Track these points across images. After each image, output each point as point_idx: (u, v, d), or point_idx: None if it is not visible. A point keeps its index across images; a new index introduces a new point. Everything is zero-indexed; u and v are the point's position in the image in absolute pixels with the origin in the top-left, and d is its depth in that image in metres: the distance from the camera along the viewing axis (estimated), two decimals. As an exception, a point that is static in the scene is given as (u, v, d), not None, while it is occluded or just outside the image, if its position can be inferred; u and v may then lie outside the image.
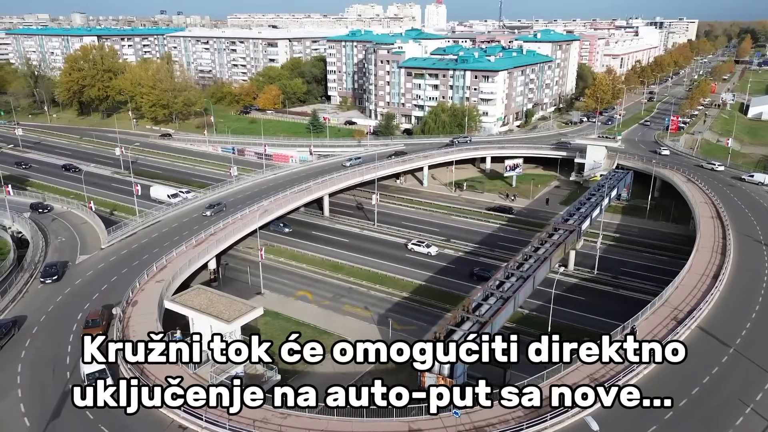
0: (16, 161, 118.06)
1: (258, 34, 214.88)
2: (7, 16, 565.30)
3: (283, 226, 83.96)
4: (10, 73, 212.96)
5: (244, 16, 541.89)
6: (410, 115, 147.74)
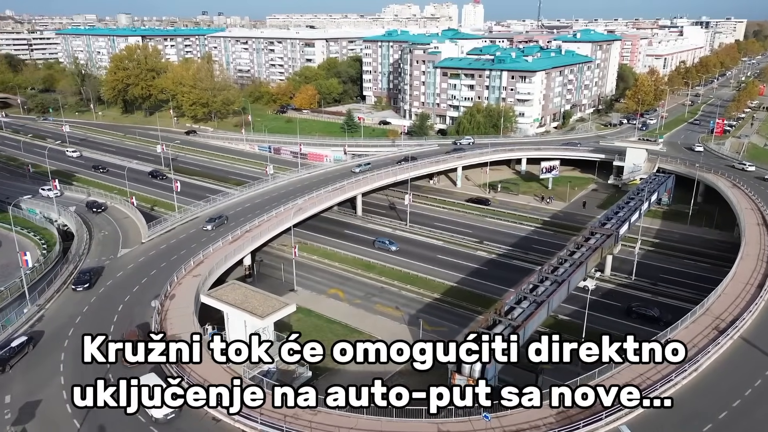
0: (93, 165, 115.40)
1: (296, 34, 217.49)
2: (57, 17, 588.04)
3: (389, 243, 78.98)
4: (59, 72, 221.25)
5: (283, 16, 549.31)
6: (445, 115, 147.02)
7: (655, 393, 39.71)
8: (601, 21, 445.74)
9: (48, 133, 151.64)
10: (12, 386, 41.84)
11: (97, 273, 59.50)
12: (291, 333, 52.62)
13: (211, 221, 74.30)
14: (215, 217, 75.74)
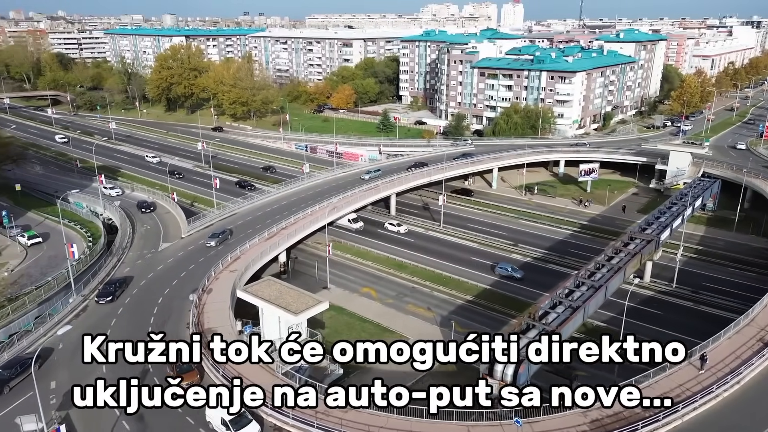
0: (170, 170, 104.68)
1: (334, 34, 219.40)
2: (106, 17, 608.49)
3: (512, 270, 69.94)
4: (106, 71, 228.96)
5: (322, 16, 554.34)
6: (481, 116, 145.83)
7: (694, 404, 38.56)
8: (645, 20, 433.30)
9: (95, 130, 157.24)
10: (57, 373, 43.64)
11: (123, 284, 57.54)
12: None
13: (214, 237, 69.08)
14: (218, 232, 70.47)
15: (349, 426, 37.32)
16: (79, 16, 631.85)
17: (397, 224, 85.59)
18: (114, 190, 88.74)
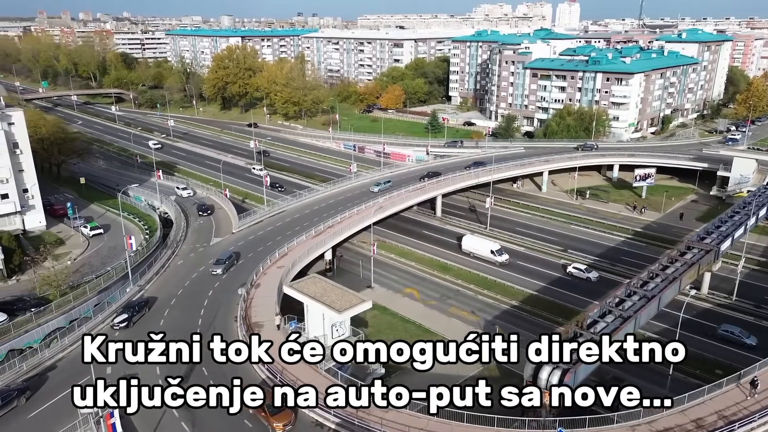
0: (272, 183, 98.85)
1: (385, 35, 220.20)
2: (168, 18, 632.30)
3: (742, 335, 55.68)
4: (167, 70, 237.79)
5: (373, 17, 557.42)
6: (533, 117, 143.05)
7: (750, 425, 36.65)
8: (710, 20, 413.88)
9: (155, 127, 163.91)
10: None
11: (142, 308, 52.60)
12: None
13: (219, 263, 60.71)
14: (224, 258, 61.79)
15: (390, 426, 37.46)
16: (143, 17, 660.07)
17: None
18: (186, 191, 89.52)
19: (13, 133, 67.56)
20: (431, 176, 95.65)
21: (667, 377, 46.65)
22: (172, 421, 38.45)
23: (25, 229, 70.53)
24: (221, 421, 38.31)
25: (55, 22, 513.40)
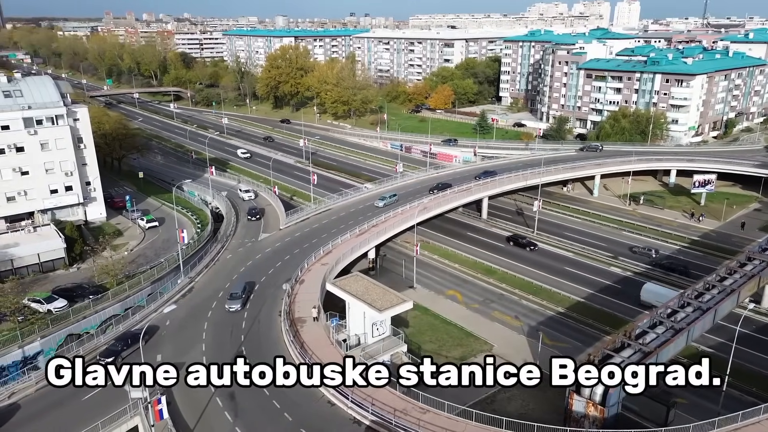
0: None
1: (436, 35, 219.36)
2: (225, 19, 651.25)
3: None
4: (223, 69, 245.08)
5: (425, 17, 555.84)
6: (586, 119, 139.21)
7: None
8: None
9: (210, 124, 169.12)
10: (163, 347, 47.60)
11: (136, 341, 45.58)
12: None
13: (235, 298, 54.10)
14: (238, 291, 55.11)
15: (427, 428, 37.35)
16: (202, 18, 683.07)
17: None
18: (248, 194, 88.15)
19: (78, 128, 71.29)
20: (441, 188, 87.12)
21: (721, 393, 44.51)
22: (215, 410, 39.62)
23: (86, 219, 74.27)
24: (261, 413, 39.24)
25: (120, 22, 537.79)
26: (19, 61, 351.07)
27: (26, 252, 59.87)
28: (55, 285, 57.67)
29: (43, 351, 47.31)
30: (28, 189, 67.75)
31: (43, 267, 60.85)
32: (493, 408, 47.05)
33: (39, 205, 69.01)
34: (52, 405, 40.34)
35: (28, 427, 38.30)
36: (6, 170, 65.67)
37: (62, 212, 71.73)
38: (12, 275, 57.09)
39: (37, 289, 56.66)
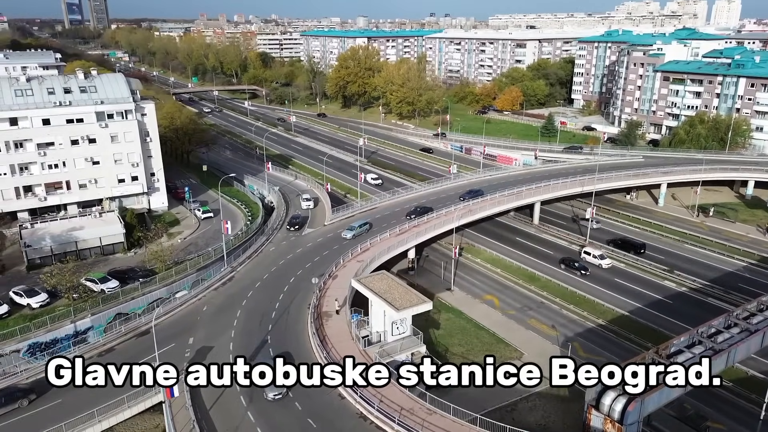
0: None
1: (508, 35, 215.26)
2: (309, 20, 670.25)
3: None
4: (298, 69, 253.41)
5: (505, 17, 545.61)
6: (661, 124, 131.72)
7: None
8: None
9: (280, 122, 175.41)
10: (197, 331, 50.41)
11: (26, 394, 40.67)
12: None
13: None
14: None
15: (430, 428, 37.31)
16: (288, 19, 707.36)
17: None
18: (308, 203, 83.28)
19: (145, 123, 76.69)
20: (420, 213, 77.12)
21: (759, 419, 41.23)
22: (233, 393, 41.54)
23: (150, 208, 79.72)
24: (275, 401, 40.76)
25: (211, 23, 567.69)
26: (118, 59, 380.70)
27: (89, 235, 65.31)
28: (112, 267, 62.53)
29: (93, 327, 51.53)
30: (98, 177, 73.80)
31: (104, 250, 66.12)
32: (512, 417, 46.35)
33: (107, 193, 74.96)
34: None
35: (64, 396, 41.48)
36: (79, 159, 71.90)
37: (128, 200, 77.43)
38: (75, 256, 62.62)
39: (97, 270, 61.65)
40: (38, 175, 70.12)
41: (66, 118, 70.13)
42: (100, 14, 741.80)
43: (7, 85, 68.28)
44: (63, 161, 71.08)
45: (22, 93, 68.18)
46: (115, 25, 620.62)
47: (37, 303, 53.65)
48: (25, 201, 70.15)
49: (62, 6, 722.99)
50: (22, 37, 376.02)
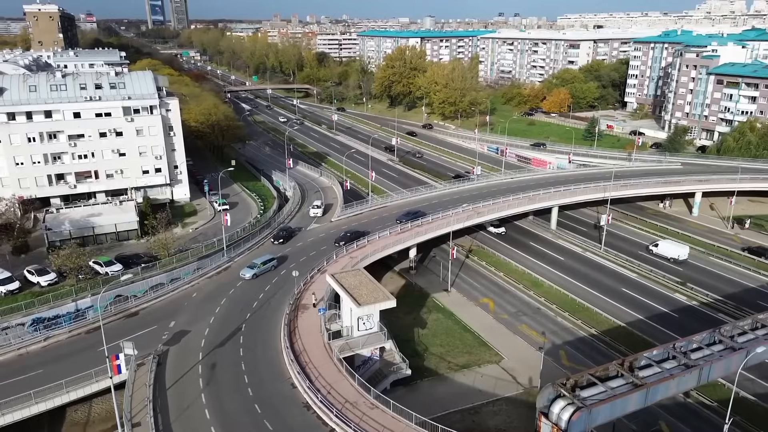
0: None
1: (562, 35, 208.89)
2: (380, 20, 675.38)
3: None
4: (352, 68, 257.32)
5: (575, 16, 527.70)
6: (713, 130, 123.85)
7: None
8: None
9: (324, 120, 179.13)
10: (181, 316, 53.03)
11: None
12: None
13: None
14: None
15: (366, 424, 37.63)
16: (359, 19, 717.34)
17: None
18: (317, 210, 79.82)
19: (169, 117, 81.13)
20: (350, 239, 67.75)
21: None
22: (194, 375, 43.67)
23: (172, 199, 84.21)
24: (230, 385, 42.48)
25: (278, 24, 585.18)
26: (190, 58, 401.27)
27: (105, 222, 69.92)
28: (126, 252, 66.76)
29: (93, 306, 55.34)
30: (124, 168, 78.83)
31: (119, 236, 70.55)
32: (473, 419, 45.97)
33: (132, 183, 79.92)
34: (75, 351, 47.16)
35: (52, 367, 45.03)
36: (107, 151, 77.11)
37: (153, 191, 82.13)
38: (92, 240, 67.32)
39: (110, 254, 66.03)
40: (69, 165, 75.85)
41: (95, 112, 75.42)
42: (180, 15, 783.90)
43: (44, 81, 74.37)
44: (92, 152, 76.46)
45: (57, 88, 74.03)
46: (194, 26, 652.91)
47: (45, 282, 58.28)
48: (57, 188, 76.08)
49: (146, 7, 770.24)
50: (108, 37, 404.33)
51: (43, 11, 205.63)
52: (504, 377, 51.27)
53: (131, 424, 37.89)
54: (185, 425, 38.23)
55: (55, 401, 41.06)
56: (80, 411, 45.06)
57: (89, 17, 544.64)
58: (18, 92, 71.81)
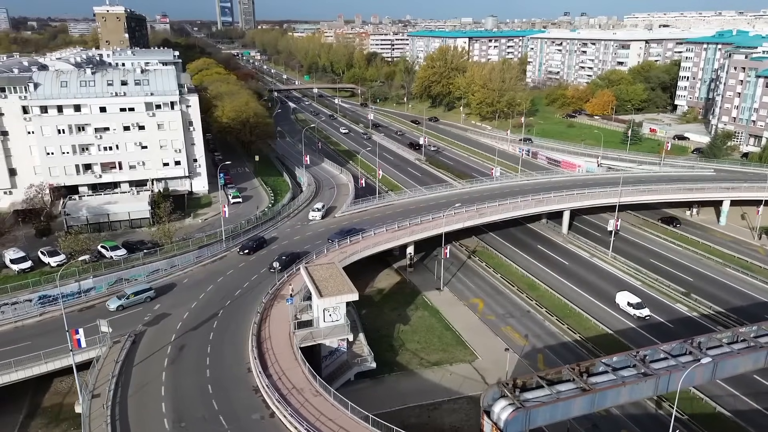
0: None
1: (612, 35, 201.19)
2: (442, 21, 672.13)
3: None
4: (398, 68, 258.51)
5: (642, 15, 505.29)
6: (761, 135, 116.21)
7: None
8: None
9: (363, 119, 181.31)
10: (167, 299, 55.91)
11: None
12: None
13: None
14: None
15: (305, 407, 38.68)
16: (422, 20, 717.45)
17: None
18: (315, 213, 78.21)
19: (189, 113, 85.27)
20: (288, 261, 61.17)
21: None
22: (161, 355, 46.20)
23: (191, 190, 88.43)
24: (192, 366, 44.68)
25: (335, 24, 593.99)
26: (251, 57, 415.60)
27: (120, 209, 74.58)
28: (134, 238, 70.96)
29: (95, 287, 59.41)
30: (145, 160, 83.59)
31: (132, 223, 75.03)
32: (428, 415, 46.15)
33: (153, 175, 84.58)
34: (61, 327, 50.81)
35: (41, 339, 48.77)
36: (130, 144, 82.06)
37: (173, 183, 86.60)
38: (107, 227, 71.95)
39: (122, 240, 70.33)
40: (95, 155, 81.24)
41: (119, 107, 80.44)
42: (247, 16, 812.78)
43: (75, 77, 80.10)
44: (116, 144, 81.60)
45: (86, 84, 79.55)
46: (260, 27, 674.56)
47: (55, 262, 63.02)
48: (84, 177, 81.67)
49: (216, 9, 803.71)
50: (178, 37, 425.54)
51: (111, 12, 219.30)
52: (473, 376, 51.03)
53: (91, 395, 40.75)
54: (139, 399, 40.64)
55: (34, 370, 44.62)
56: (65, 382, 48.73)
57: (163, 18, 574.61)
58: (50, 87, 77.73)
